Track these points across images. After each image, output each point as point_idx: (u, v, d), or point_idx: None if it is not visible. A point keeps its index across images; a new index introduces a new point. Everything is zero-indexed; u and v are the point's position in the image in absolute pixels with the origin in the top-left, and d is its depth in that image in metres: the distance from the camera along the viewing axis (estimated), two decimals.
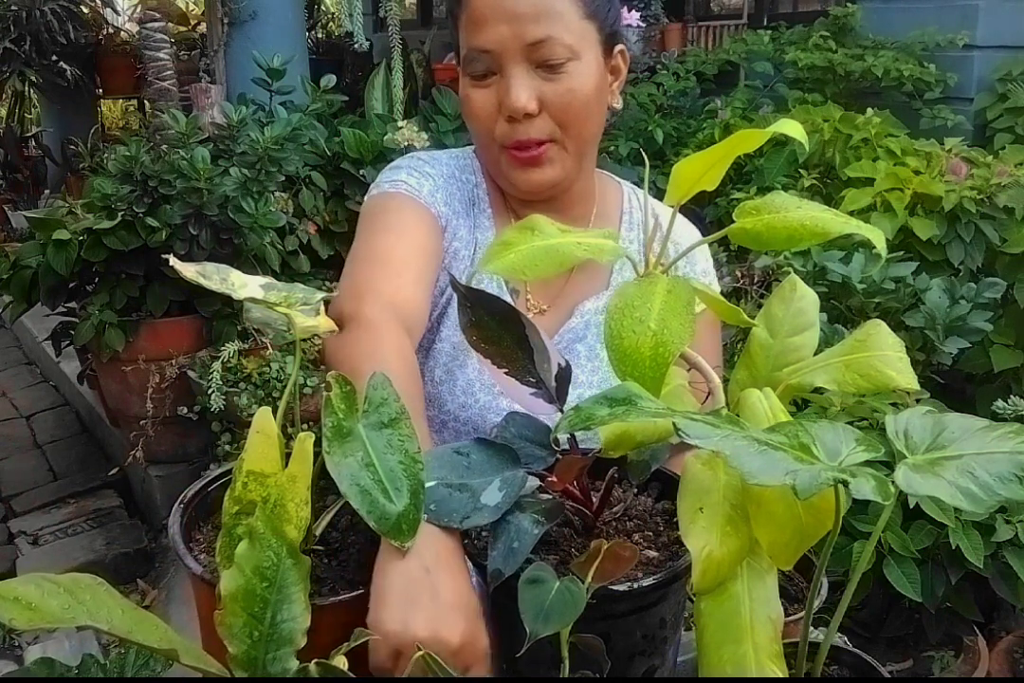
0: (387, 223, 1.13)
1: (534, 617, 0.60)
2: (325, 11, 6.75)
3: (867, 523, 1.66)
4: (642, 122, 3.67)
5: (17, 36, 5.02)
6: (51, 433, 3.52)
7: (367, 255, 1.10)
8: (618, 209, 1.27)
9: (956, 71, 3.35)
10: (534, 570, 0.63)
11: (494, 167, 1.17)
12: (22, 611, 0.55)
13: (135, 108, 6.65)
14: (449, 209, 1.17)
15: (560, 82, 1.08)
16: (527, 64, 1.07)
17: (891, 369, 0.73)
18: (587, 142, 1.15)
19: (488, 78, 1.10)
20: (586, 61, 1.09)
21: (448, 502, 0.68)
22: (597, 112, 1.13)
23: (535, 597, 0.61)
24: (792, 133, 0.69)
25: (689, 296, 0.67)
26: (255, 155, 2.57)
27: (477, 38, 1.08)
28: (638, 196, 1.29)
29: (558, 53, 1.06)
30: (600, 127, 1.16)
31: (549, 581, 0.62)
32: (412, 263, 1.09)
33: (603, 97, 1.14)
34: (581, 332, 1.21)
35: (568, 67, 1.07)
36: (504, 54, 1.07)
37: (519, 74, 1.07)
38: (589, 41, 1.10)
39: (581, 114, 1.10)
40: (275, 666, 0.61)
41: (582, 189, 1.21)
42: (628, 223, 1.26)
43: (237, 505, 0.66)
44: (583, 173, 1.19)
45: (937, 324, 2.02)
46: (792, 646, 0.68)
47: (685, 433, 0.56)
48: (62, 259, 2.44)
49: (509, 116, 1.08)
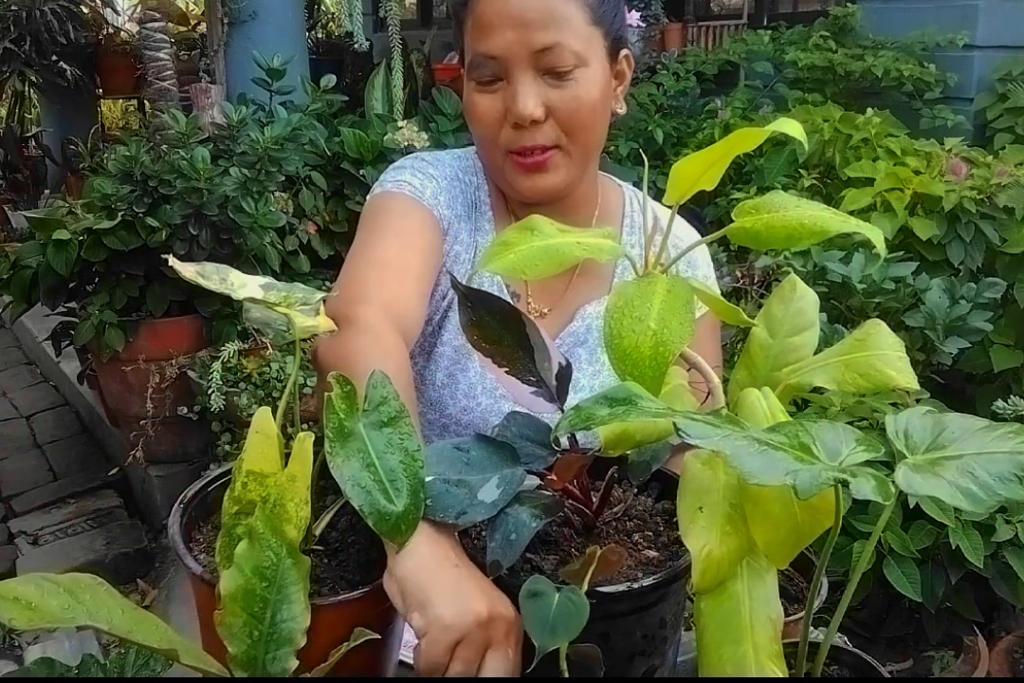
0: (389, 225, 1.12)
1: (540, 631, 0.60)
2: (325, 11, 6.75)
3: (867, 523, 1.66)
4: (642, 122, 3.67)
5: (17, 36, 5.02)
6: (51, 433, 3.52)
7: (367, 257, 1.10)
8: (619, 212, 1.27)
9: (956, 71, 3.35)
10: (532, 583, 0.62)
11: (497, 172, 1.16)
12: (22, 611, 0.55)
13: (135, 108, 6.65)
14: (451, 212, 1.17)
15: (567, 89, 1.07)
16: (534, 71, 1.06)
17: (891, 369, 0.73)
18: (592, 148, 1.14)
19: (495, 84, 1.08)
20: (592, 67, 1.08)
21: (445, 497, 0.68)
22: (602, 118, 1.13)
23: (539, 610, 0.61)
24: (791, 132, 0.69)
25: (689, 296, 0.67)
26: (255, 155, 2.57)
27: (484, 44, 1.07)
28: (639, 199, 1.28)
29: (566, 60, 1.06)
30: (604, 133, 1.15)
31: (549, 593, 0.62)
32: (412, 267, 1.08)
33: (608, 103, 1.13)
34: (583, 336, 1.21)
35: (575, 74, 1.07)
36: (511, 60, 1.06)
37: (526, 81, 1.06)
38: (596, 47, 1.09)
39: (587, 121, 1.09)
40: (275, 666, 0.61)
41: (584, 193, 1.21)
42: (629, 226, 1.26)
43: (237, 505, 0.66)
44: (586, 177, 1.18)
45: (937, 324, 2.02)
46: (792, 646, 0.68)
47: (685, 433, 0.56)
48: (62, 259, 2.44)
49: (515, 123, 1.07)
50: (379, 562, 0.71)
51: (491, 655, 0.65)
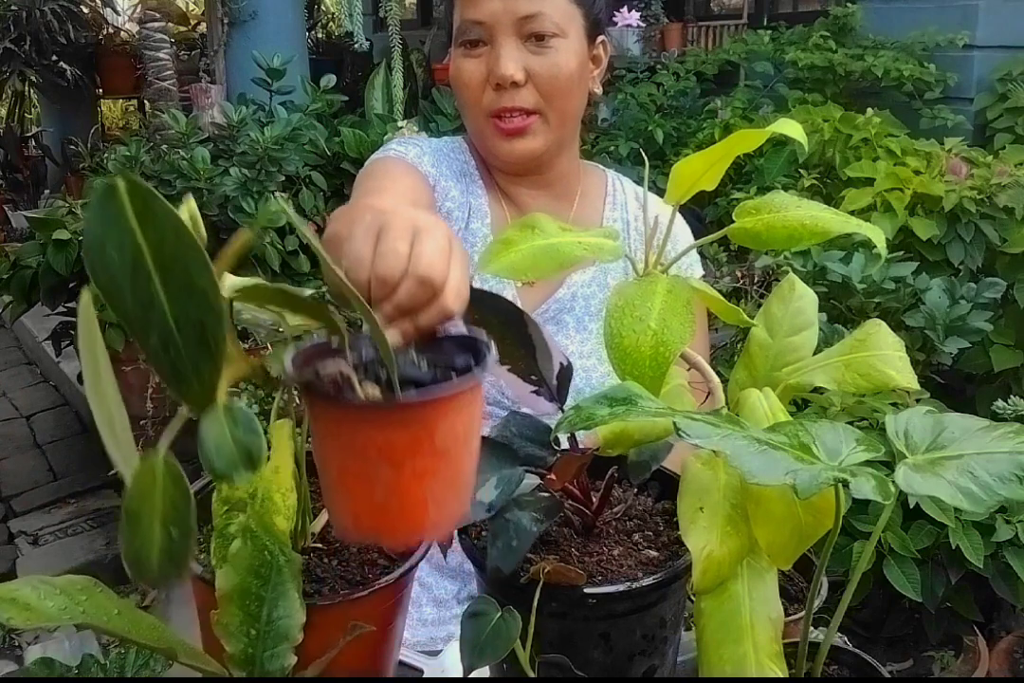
0: (378, 184, 1.18)
1: (469, 651, 0.62)
2: (325, 11, 6.75)
3: (867, 523, 1.66)
4: (642, 122, 3.67)
5: (17, 36, 5.03)
6: (51, 433, 3.52)
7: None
8: (602, 190, 1.32)
9: (956, 71, 3.35)
10: (479, 604, 0.64)
11: (479, 138, 1.23)
12: (20, 611, 0.55)
13: (135, 108, 6.65)
14: (437, 171, 1.23)
15: (547, 56, 1.15)
16: (517, 38, 1.15)
17: (891, 369, 0.73)
18: (568, 118, 1.21)
19: (479, 48, 1.16)
20: (571, 40, 1.17)
21: None
22: (579, 90, 1.20)
23: (473, 631, 0.63)
24: (791, 133, 0.69)
25: (689, 296, 0.67)
26: (255, 155, 2.57)
27: (470, 10, 1.16)
28: (622, 182, 1.34)
29: (547, 28, 1.14)
30: (581, 107, 1.23)
31: (491, 614, 0.63)
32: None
33: (585, 78, 1.21)
34: (568, 303, 1.25)
35: (554, 42, 1.15)
36: (495, 26, 1.14)
37: (509, 45, 1.14)
38: (575, 24, 1.17)
39: (564, 88, 1.17)
40: (273, 663, 0.61)
41: (565, 169, 1.27)
42: (612, 203, 1.31)
43: (226, 505, 0.66)
44: (564, 152, 1.25)
45: (937, 324, 2.02)
46: (792, 646, 0.68)
47: (685, 433, 0.56)
48: (62, 259, 2.44)
49: (497, 84, 1.15)
50: (379, 562, 0.71)
51: (420, 238, 0.59)
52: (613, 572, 0.69)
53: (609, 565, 0.70)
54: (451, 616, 1.23)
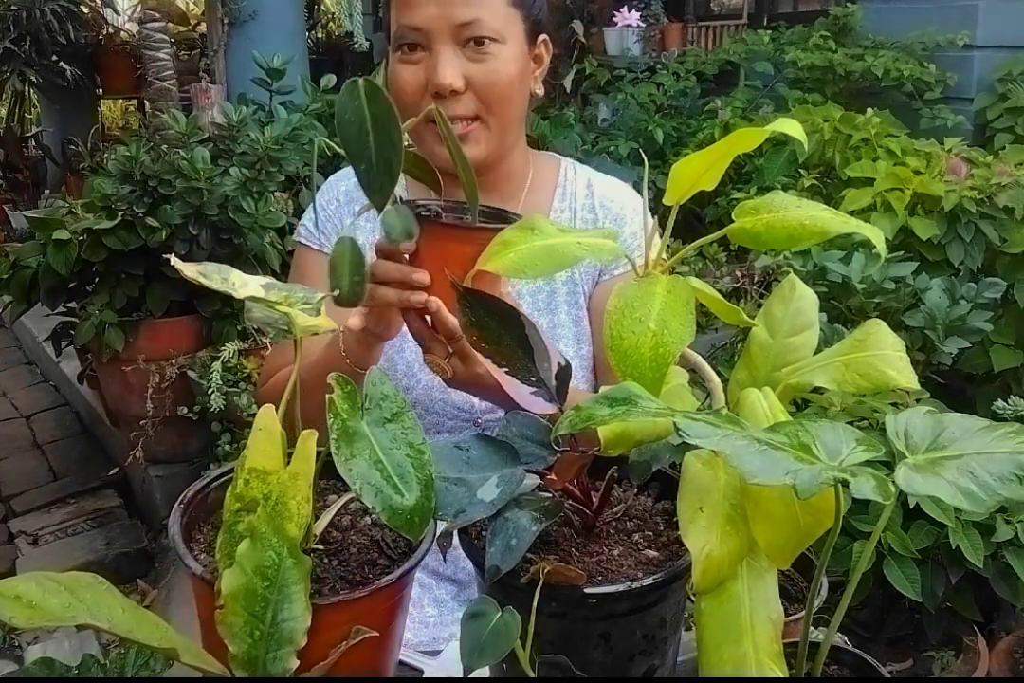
0: (298, 280, 1.26)
1: (469, 652, 0.62)
2: (325, 11, 6.75)
3: (867, 523, 1.66)
4: (642, 122, 3.67)
5: (17, 36, 5.02)
6: (51, 433, 3.51)
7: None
8: (553, 183, 1.32)
9: (956, 71, 3.35)
10: (478, 604, 0.64)
11: (419, 143, 1.21)
12: (22, 609, 0.55)
13: (135, 108, 6.65)
14: (340, 222, 1.28)
15: (486, 63, 1.13)
16: (455, 44, 1.13)
17: (891, 368, 0.73)
18: (510, 122, 1.20)
19: (417, 52, 1.14)
20: (510, 46, 1.15)
21: (444, 495, 0.68)
22: (520, 95, 1.19)
23: (473, 631, 0.63)
24: (791, 132, 0.69)
25: (689, 296, 0.67)
26: (255, 155, 2.57)
27: (407, 16, 1.13)
28: (576, 170, 1.34)
29: (485, 34, 1.12)
30: (523, 110, 1.23)
31: (491, 614, 0.63)
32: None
33: (526, 82, 1.20)
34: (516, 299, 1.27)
35: (493, 48, 1.13)
36: (433, 33, 1.12)
37: (447, 53, 1.12)
38: (514, 28, 1.16)
39: (505, 95, 1.16)
40: (276, 666, 0.61)
41: (511, 168, 1.27)
42: (561, 195, 1.31)
43: (239, 502, 0.66)
44: (508, 154, 1.24)
45: (937, 324, 2.02)
46: (792, 646, 0.68)
47: (685, 433, 0.56)
48: (62, 259, 2.44)
49: (436, 92, 1.13)
50: (379, 562, 0.71)
51: None
52: (613, 572, 0.70)
53: (609, 565, 0.71)
54: (452, 620, 1.23)
